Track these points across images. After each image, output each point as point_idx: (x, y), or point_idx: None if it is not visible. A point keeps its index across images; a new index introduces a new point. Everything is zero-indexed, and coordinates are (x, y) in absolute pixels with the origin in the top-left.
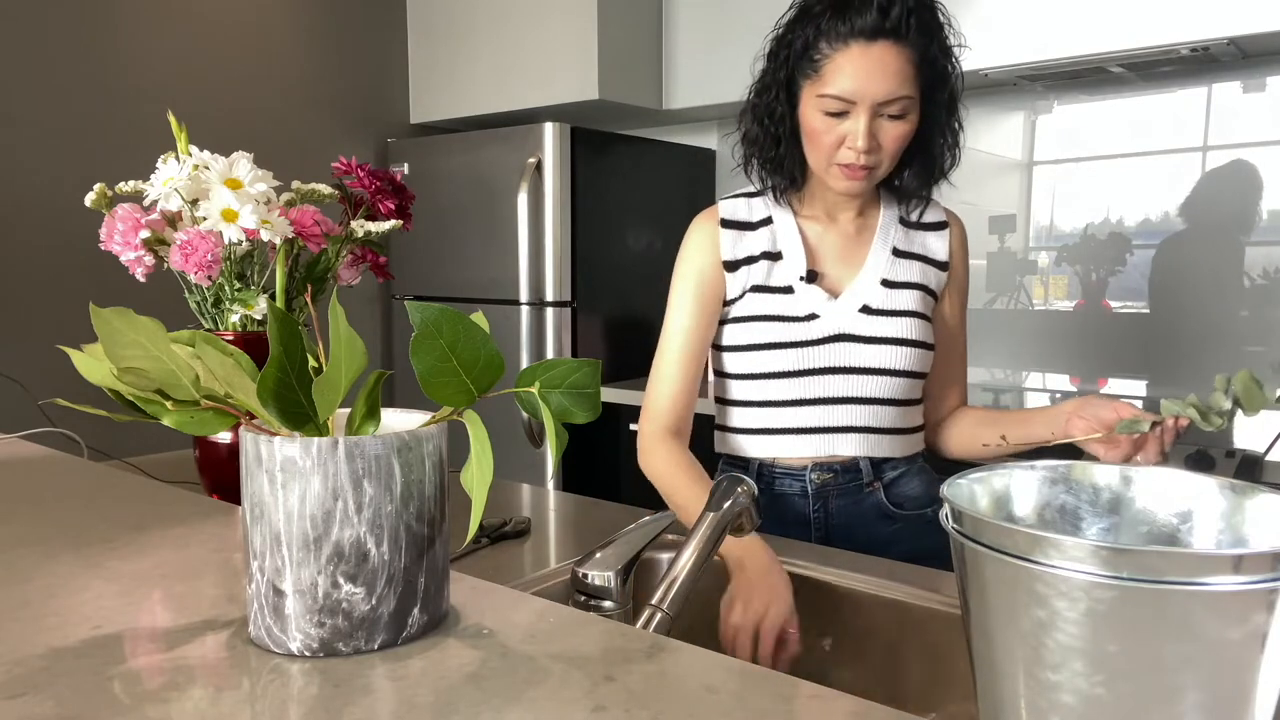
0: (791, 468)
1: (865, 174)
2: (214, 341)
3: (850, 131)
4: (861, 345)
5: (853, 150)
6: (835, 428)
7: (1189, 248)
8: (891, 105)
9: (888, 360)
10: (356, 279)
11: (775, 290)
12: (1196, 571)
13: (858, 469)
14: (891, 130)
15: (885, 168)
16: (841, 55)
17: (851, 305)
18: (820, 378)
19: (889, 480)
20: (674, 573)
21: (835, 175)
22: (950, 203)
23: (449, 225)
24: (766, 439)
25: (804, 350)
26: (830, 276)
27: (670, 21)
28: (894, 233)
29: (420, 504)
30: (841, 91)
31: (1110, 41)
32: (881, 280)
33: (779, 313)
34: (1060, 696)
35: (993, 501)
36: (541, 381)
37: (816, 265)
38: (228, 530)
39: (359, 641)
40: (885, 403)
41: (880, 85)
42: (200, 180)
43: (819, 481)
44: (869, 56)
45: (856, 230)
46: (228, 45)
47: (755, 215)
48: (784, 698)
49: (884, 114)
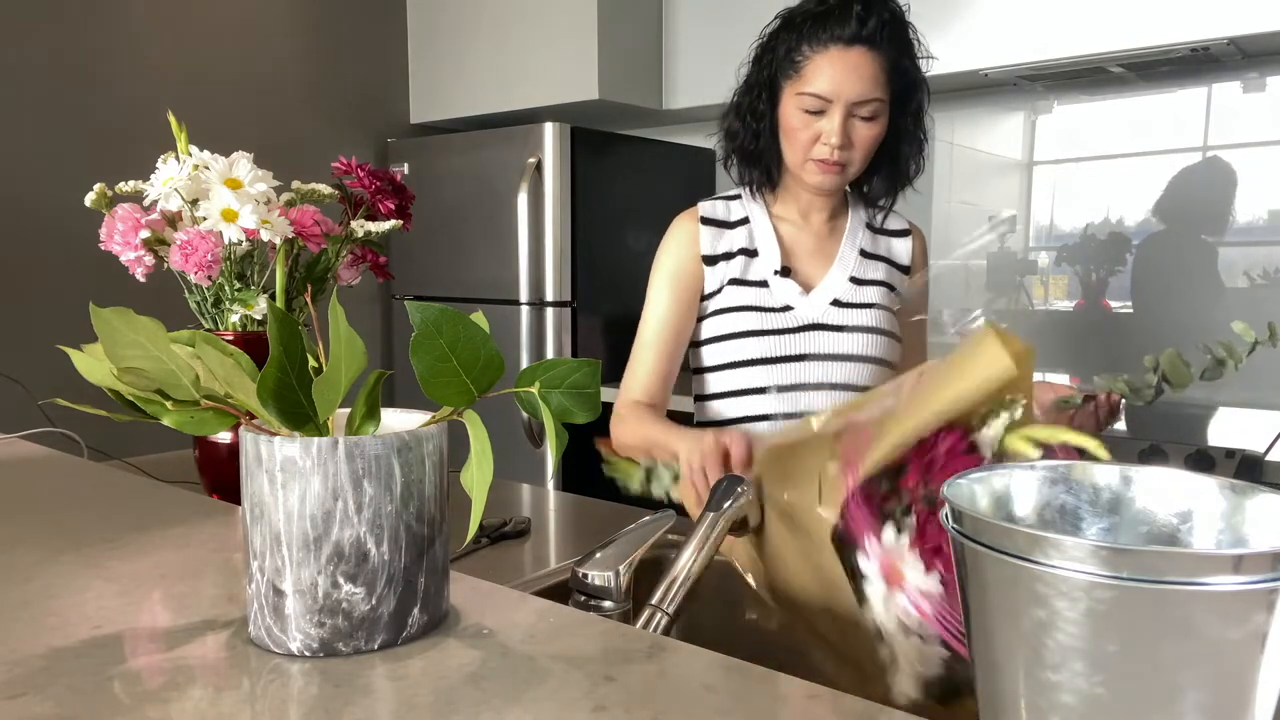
0: None
1: (838, 170)
2: (214, 341)
3: (826, 129)
4: (833, 333)
5: (827, 146)
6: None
7: (1188, 247)
8: (864, 106)
9: (858, 347)
10: (356, 279)
11: (752, 284)
12: (1196, 571)
13: None
14: (863, 131)
15: (856, 168)
16: (821, 57)
17: (823, 298)
18: (795, 364)
19: None
20: (674, 573)
21: (810, 170)
22: (950, 203)
23: (449, 225)
24: (748, 427)
25: (779, 338)
26: (803, 272)
27: (670, 21)
28: (861, 235)
29: (420, 504)
30: (820, 90)
31: (1110, 41)
32: (850, 277)
33: (755, 303)
34: (1060, 696)
35: (993, 501)
36: (541, 381)
37: (790, 262)
38: (228, 530)
39: (359, 641)
40: (858, 389)
41: (855, 86)
42: (200, 180)
43: None
44: (846, 59)
45: (828, 232)
46: (228, 45)
47: (734, 215)
48: (784, 698)
49: (857, 115)
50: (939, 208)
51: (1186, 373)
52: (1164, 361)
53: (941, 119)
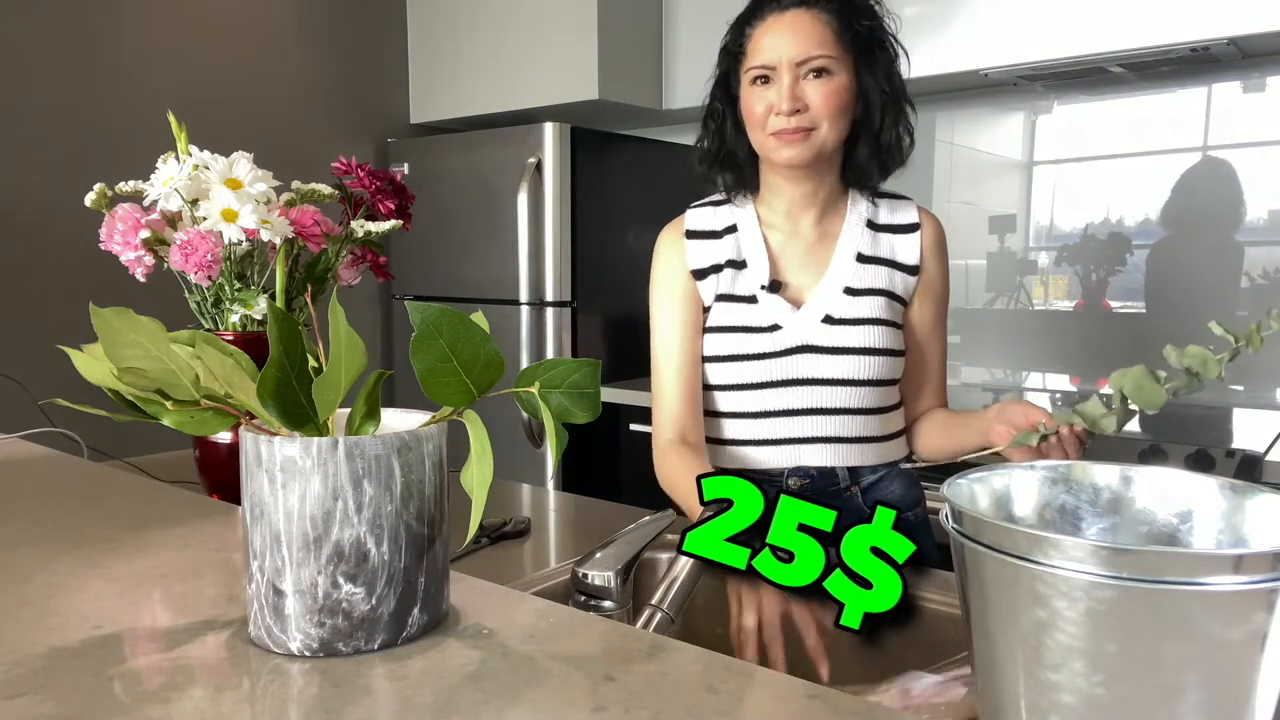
0: (771, 474)
1: (801, 137)
2: (214, 341)
3: (774, 97)
4: (824, 356)
5: (781, 115)
6: (805, 438)
7: (1188, 247)
8: (809, 64)
9: (851, 371)
10: (356, 279)
11: (740, 299)
12: (1196, 571)
13: (835, 475)
14: (819, 88)
15: (824, 132)
16: (760, 29)
17: (814, 315)
18: (786, 389)
19: (867, 485)
20: (674, 573)
21: (772, 146)
22: (950, 203)
23: (449, 225)
24: (746, 450)
25: (768, 362)
26: (793, 285)
27: (670, 21)
28: (859, 237)
29: (420, 504)
30: (763, 60)
31: (1110, 41)
32: (845, 288)
33: (743, 324)
34: (1060, 696)
35: (993, 501)
36: (541, 381)
37: (780, 274)
38: (228, 530)
39: (359, 641)
40: (855, 412)
41: (794, 47)
42: (200, 180)
43: (796, 487)
44: (782, 22)
45: (819, 237)
46: (228, 45)
47: (720, 223)
48: (784, 698)
49: (806, 74)
50: (939, 208)
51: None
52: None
53: (941, 119)
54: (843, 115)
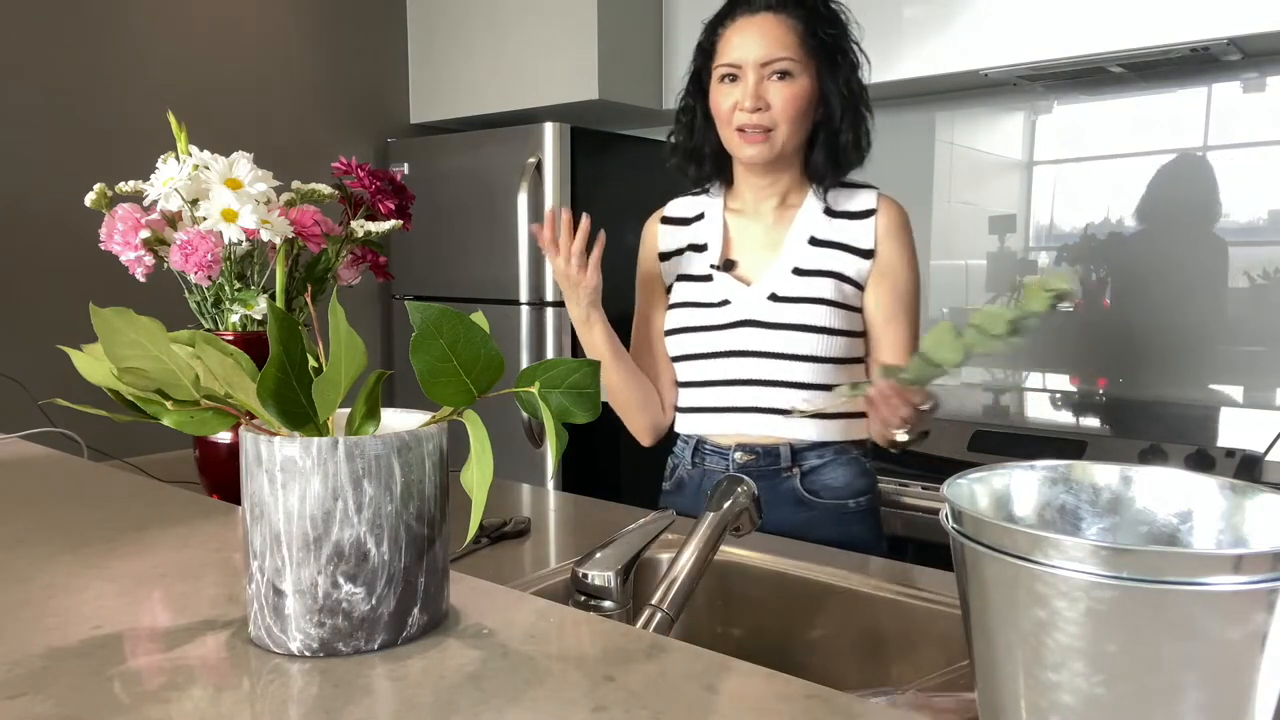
0: (720, 446)
1: (763, 137)
2: (214, 341)
3: (739, 94)
4: (765, 330)
5: (744, 112)
6: (749, 408)
7: (1187, 247)
8: (774, 65)
9: (790, 345)
10: (356, 279)
11: (696, 279)
12: (1196, 571)
13: (777, 454)
14: (781, 90)
15: (784, 134)
16: (731, 29)
17: (761, 293)
18: (729, 360)
19: (808, 468)
20: (674, 573)
21: (736, 143)
22: (950, 203)
23: (449, 225)
24: (696, 417)
25: (713, 334)
26: (746, 265)
27: (670, 21)
28: (814, 222)
29: (420, 504)
30: (731, 58)
31: (1110, 41)
32: (794, 269)
33: (696, 299)
34: (1060, 696)
35: (993, 501)
36: (541, 381)
37: (735, 254)
38: (228, 530)
39: (359, 641)
40: (795, 386)
41: (760, 48)
42: (200, 180)
43: (741, 461)
44: (751, 25)
45: (775, 221)
46: (228, 45)
47: (693, 211)
48: (784, 698)
49: (770, 75)
50: (939, 207)
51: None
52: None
53: (941, 119)
54: (802, 118)
